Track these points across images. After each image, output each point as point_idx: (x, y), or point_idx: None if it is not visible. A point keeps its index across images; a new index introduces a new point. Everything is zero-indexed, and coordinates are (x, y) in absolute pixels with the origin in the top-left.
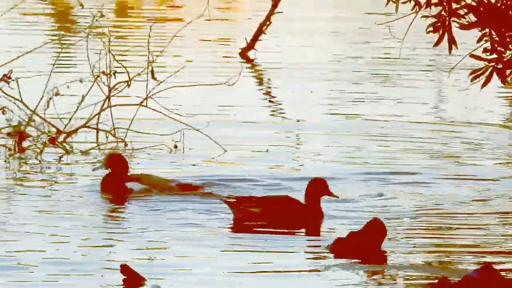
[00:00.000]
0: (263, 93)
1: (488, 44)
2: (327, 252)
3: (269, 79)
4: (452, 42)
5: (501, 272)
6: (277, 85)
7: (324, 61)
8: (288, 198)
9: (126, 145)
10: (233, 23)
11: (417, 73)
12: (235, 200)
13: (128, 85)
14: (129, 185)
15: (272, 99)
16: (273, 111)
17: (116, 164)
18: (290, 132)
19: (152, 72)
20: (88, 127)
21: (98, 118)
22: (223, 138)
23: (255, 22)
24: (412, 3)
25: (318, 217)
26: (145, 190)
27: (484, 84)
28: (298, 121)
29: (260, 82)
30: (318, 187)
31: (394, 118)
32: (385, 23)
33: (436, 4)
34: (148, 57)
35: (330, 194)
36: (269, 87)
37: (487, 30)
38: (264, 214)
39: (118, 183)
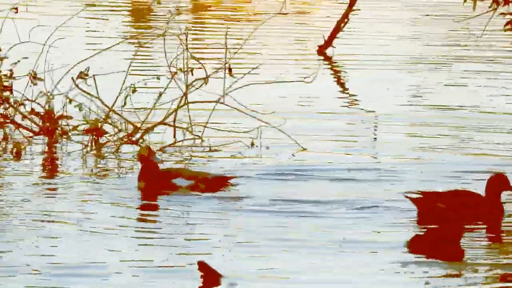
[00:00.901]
0: (341, 90)
1: None
2: (405, 249)
3: (346, 76)
4: None
5: None
6: (354, 82)
7: (402, 58)
8: (471, 193)
9: (203, 142)
10: (310, 21)
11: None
12: (420, 195)
13: (206, 82)
14: (176, 181)
15: (350, 96)
16: (351, 107)
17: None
18: (368, 126)
19: (230, 69)
20: (165, 124)
21: (175, 115)
22: (300, 135)
23: (332, 20)
24: (490, 0)
25: (501, 213)
26: (192, 185)
27: None
28: (376, 117)
29: (338, 80)
30: (500, 183)
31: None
32: (464, 20)
33: None
34: (226, 54)
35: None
36: (347, 84)
37: None
38: (450, 209)
39: (165, 179)
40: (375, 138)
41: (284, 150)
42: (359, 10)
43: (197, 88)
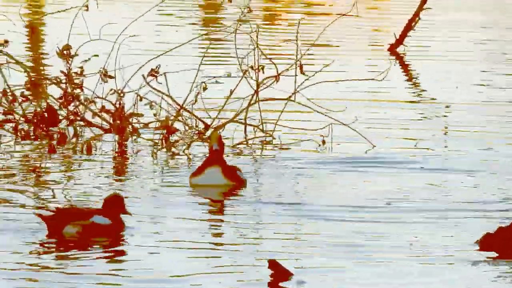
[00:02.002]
0: (412, 88)
1: None
2: (476, 247)
3: (417, 74)
4: None
5: None
6: (426, 80)
7: (474, 56)
8: None
9: (273, 139)
10: (382, 19)
11: None
12: None
13: (277, 80)
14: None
15: (421, 93)
16: (422, 106)
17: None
18: (438, 124)
19: (301, 66)
20: (236, 121)
21: (246, 113)
22: (371, 133)
23: (404, 18)
24: None
25: None
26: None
27: None
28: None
29: (410, 78)
30: None
31: None
32: None
33: None
34: (297, 52)
35: None
36: (418, 82)
37: None
38: None
39: (234, 172)
40: (445, 133)
41: (354, 147)
42: (431, 8)
43: (268, 86)
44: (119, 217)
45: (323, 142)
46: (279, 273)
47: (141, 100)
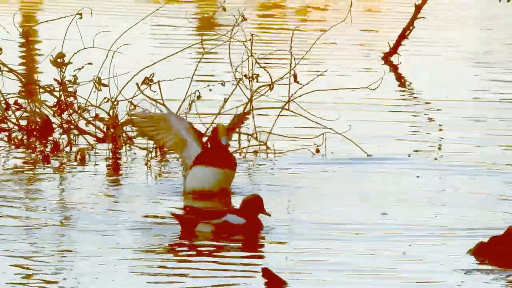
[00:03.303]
0: (407, 97)
1: None
2: (469, 256)
3: (411, 83)
4: None
5: None
6: (420, 89)
7: (468, 63)
8: None
9: (268, 148)
10: (376, 28)
11: None
12: None
13: (271, 89)
14: None
15: (415, 103)
16: (417, 116)
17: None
18: (432, 137)
19: (295, 75)
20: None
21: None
22: (365, 142)
23: (398, 26)
24: None
25: None
26: None
27: None
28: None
29: (404, 87)
30: None
31: None
32: None
33: None
34: (291, 61)
35: None
36: (412, 91)
37: None
38: None
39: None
40: (440, 146)
41: (348, 156)
42: (424, 17)
43: (262, 95)
44: (256, 218)
45: (317, 150)
46: (272, 281)
47: (135, 108)
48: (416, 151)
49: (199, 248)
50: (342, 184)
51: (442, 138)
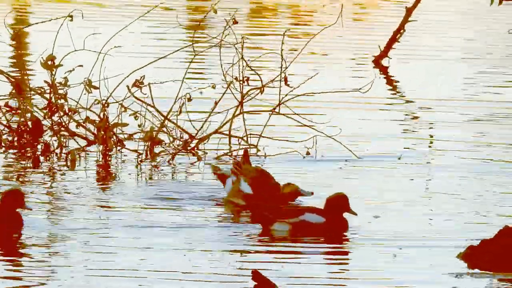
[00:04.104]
0: (395, 101)
1: None
2: (459, 260)
3: (402, 86)
4: None
5: None
6: (411, 91)
7: (459, 67)
8: None
9: (258, 151)
10: (367, 31)
11: None
12: None
13: (261, 92)
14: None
15: (405, 106)
16: (405, 118)
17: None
18: (422, 142)
19: (285, 78)
20: (221, 133)
21: (231, 124)
22: (355, 145)
23: (389, 30)
24: None
25: None
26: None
27: None
28: (430, 136)
29: (394, 90)
30: None
31: None
32: None
33: None
34: (282, 63)
35: None
36: (402, 94)
37: None
38: None
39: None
40: (430, 146)
41: (339, 159)
42: (416, 21)
43: (252, 98)
44: (340, 216)
45: (307, 153)
46: (263, 284)
47: (125, 110)
48: (407, 148)
49: (273, 248)
50: (333, 186)
51: (433, 138)
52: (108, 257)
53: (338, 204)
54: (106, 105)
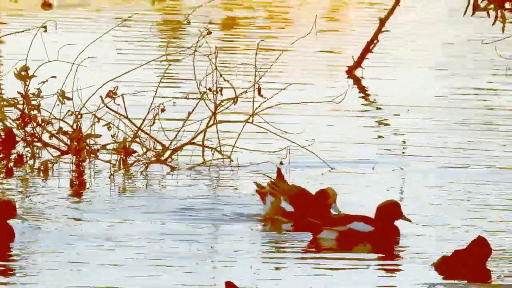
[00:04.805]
0: (369, 112)
1: None
2: (432, 270)
3: (376, 97)
4: None
5: None
6: (384, 102)
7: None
8: None
9: (231, 161)
10: (340, 41)
11: None
12: None
13: (235, 102)
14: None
15: (379, 116)
16: (379, 129)
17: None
18: (396, 151)
19: (259, 89)
20: (194, 143)
21: (204, 135)
22: (329, 156)
23: (363, 39)
24: None
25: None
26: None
27: None
28: (404, 142)
29: (368, 100)
30: None
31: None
32: (492, 42)
33: None
34: (255, 74)
35: None
36: (376, 105)
37: None
38: None
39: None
40: (403, 153)
41: (312, 169)
42: (389, 30)
43: (226, 108)
44: (392, 225)
45: (281, 164)
46: None
47: (98, 121)
48: (381, 154)
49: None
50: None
51: (405, 144)
52: (81, 269)
53: (390, 212)
54: (79, 115)
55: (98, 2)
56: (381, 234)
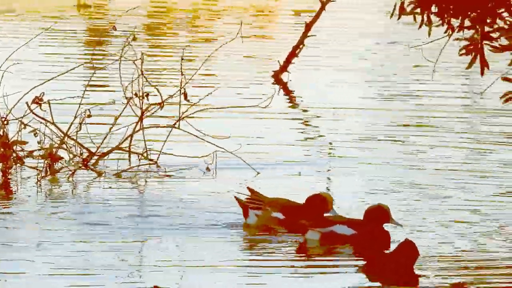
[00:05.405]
0: (295, 116)
1: None
2: (359, 274)
3: (302, 100)
4: (484, 64)
5: None
6: (309, 108)
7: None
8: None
9: (158, 167)
10: (266, 46)
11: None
12: None
13: (161, 107)
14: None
15: (305, 121)
16: (305, 132)
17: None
18: (322, 155)
19: (185, 94)
20: (121, 149)
21: (131, 140)
22: (255, 160)
23: (289, 44)
24: (445, 26)
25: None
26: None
27: None
28: (330, 143)
29: (293, 105)
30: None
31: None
32: (418, 46)
33: (468, 28)
34: (181, 79)
35: None
36: (301, 110)
37: None
38: None
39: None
40: (329, 169)
41: (238, 174)
42: (315, 35)
43: (152, 113)
44: (381, 229)
45: (208, 169)
46: None
47: (25, 127)
48: (308, 155)
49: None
50: (230, 202)
51: (332, 146)
52: (6, 278)
53: (376, 215)
54: (5, 122)
55: (23, 8)
56: (365, 238)
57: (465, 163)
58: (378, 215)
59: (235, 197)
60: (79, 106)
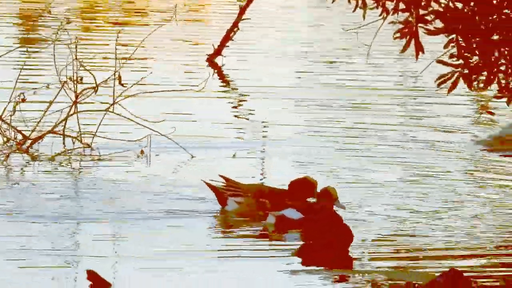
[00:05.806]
0: (229, 99)
1: (454, 50)
2: (293, 257)
3: (236, 83)
4: (419, 48)
5: (467, 275)
6: (244, 91)
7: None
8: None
9: (92, 150)
10: (201, 29)
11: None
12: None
13: (95, 91)
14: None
15: (238, 104)
16: (239, 115)
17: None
18: (256, 137)
19: (119, 77)
20: (55, 132)
21: (65, 124)
22: (190, 143)
23: (223, 28)
24: (380, 9)
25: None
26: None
27: (451, 89)
28: (264, 125)
29: (227, 89)
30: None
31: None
32: (353, 29)
33: (403, 10)
34: (115, 63)
35: None
36: (235, 94)
37: (453, 36)
38: None
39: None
40: (263, 150)
41: (173, 157)
42: (249, 19)
43: (87, 97)
44: (332, 213)
45: (142, 152)
46: (98, 283)
47: None
48: (242, 139)
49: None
50: (165, 185)
51: (265, 128)
52: None
53: (300, 187)
54: None
55: None
56: (312, 222)
57: (400, 143)
58: (302, 187)
59: (207, 183)
60: (13, 90)
